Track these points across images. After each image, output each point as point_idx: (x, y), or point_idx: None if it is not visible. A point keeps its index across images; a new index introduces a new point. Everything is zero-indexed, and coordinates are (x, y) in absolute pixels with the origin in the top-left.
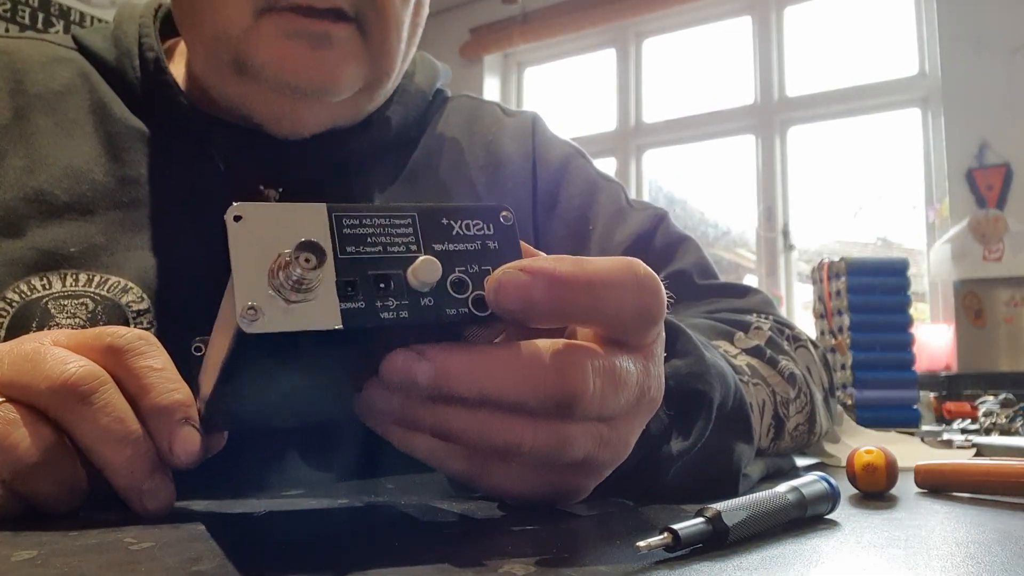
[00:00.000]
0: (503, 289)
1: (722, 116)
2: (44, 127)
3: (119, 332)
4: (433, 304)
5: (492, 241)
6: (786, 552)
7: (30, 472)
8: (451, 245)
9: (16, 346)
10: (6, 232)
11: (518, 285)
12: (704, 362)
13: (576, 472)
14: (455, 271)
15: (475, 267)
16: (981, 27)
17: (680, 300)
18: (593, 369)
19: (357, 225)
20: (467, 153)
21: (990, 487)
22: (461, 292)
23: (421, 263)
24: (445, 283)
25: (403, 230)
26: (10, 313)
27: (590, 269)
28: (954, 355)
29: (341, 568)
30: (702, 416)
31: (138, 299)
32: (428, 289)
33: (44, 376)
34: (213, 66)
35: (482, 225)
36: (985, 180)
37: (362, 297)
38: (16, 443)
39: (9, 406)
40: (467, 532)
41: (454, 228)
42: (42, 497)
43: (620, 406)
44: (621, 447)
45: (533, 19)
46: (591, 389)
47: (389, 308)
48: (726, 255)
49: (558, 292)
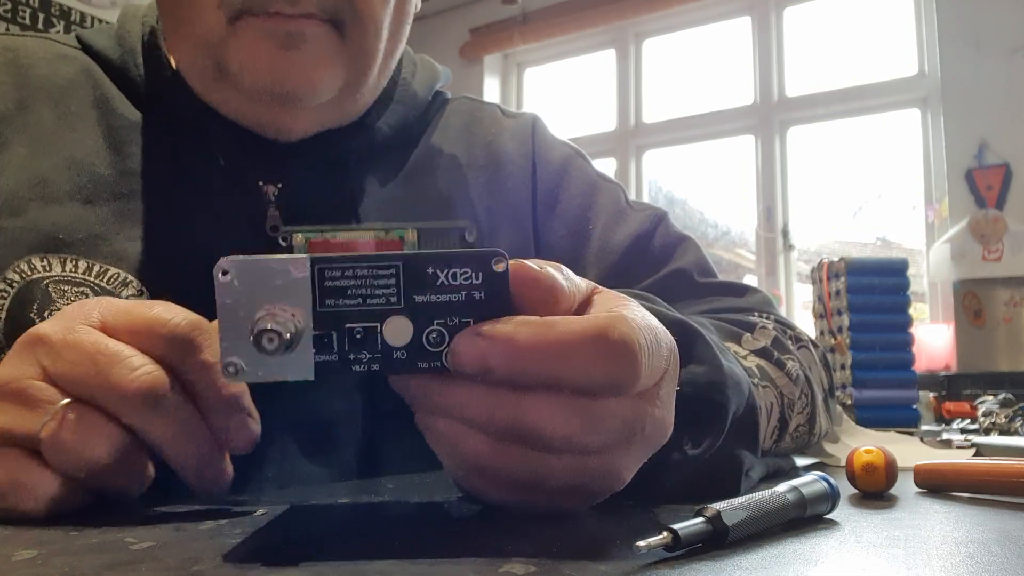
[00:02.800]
0: (457, 355)
1: (722, 116)
2: (47, 119)
3: (174, 321)
4: (406, 357)
5: (479, 291)
6: (786, 552)
7: (103, 471)
8: (433, 296)
9: (67, 334)
10: (7, 213)
11: (474, 351)
12: (722, 371)
13: (566, 496)
14: (433, 324)
15: (455, 320)
16: (981, 27)
17: (680, 299)
18: (556, 406)
19: (339, 277)
20: (467, 154)
21: (989, 487)
22: (436, 346)
23: (390, 324)
24: (421, 337)
25: (385, 280)
26: (10, 294)
27: (552, 337)
28: (953, 355)
29: (341, 568)
30: (716, 427)
31: (137, 293)
32: (402, 344)
33: (113, 384)
34: (197, 74)
35: (470, 274)
36: (985, 180)
37: (336, 351)
38: (91, 446)
39: (80, 409)
40: (467, 532)
41: (439, 278)
42: (112, 490)
43: (597, 442)
44: (612, 480)
45: (533, 19)
46: (550, 426)
47: (361, 362)
48: (726, 255)
49: (516, 360)
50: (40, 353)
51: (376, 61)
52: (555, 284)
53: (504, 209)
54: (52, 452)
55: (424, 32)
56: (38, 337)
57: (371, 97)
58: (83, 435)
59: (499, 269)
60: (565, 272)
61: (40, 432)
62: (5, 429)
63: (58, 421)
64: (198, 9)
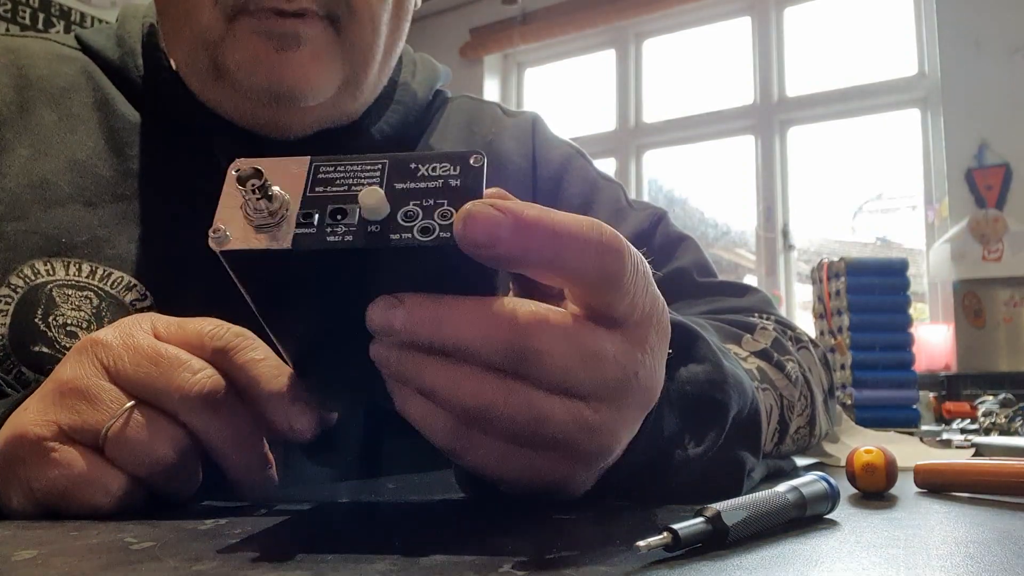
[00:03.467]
0: (472, 220)
1: (722, 116)
2: (48, 121)
3: (219, 334)
4: (379, 231)
5: (455, 180)
6: (786, 552)
7: (165, 471)
8: (412, 184)
9: (127, 339)
10: (10, 217)
11: (487, 218)
12: (723, 370)
13: (561, 457)
14: (409, 204)
15: (430, 201)
16: (981, 27)
17: (680, 298)
18: (552, 328)
19: (331, 171)
20: None
21: (989, 487)
22: (410, 222)
23: (365, 192)
24: (396, 214)
25: (371, 173)
26: (15, 300)
27: (556, 218)
28: (953, 355)
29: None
30: (717, 425)
31: (141, 297)
32: (378, 219)
33: (177, 386)
34: (195, 73)
35: (449, 167)
36: (984, 180)
37: (315, 225)
38: (156, 447)
39: (144, 409)
40: (467, 532)
41: (420, 170)
42: (171, 490)
43: (594, 382)
44: (607, 435)
45: (533, 19)
46: (546, 348)
47: (337, 233)
48: (726, 255)
49: (524, 234)
50: (101, 355)
51: (375, 58)
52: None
53: None
54: (118, 451)
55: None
56: (97, 341)
57: (371, 96)
58: (149, 435)
59: (476, 164)
60: None
61: (105, 431)
62: (70, 426)
63: (124, 421)
64: (195, 7)
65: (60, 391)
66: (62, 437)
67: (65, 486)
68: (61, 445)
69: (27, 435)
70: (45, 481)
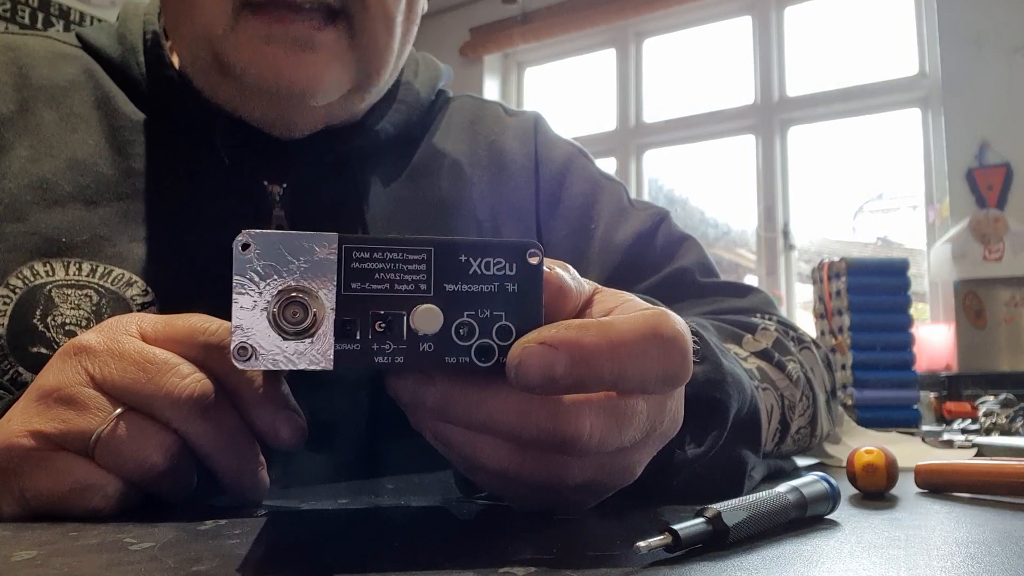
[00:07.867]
0: (524, 367)
1: (722, 116)
2: (49, 120)
3: (210, 329)
4: (432, 350)
5: (512, 283)
6: (786, 552)
7: (156, 476)
8: (464, 286)
9: (112, 343)
10: (10, 218)
11: (540, 361)
12: (722, 369)
13: (575, 493)
14: (463, 315)
15: (486, 312)
16: (981, 27)
17: (681, 298)
18: (592, 411)
19: (367, 259)
20: (470, 153)
21: (990, 487)
22: (466, 340)
23: (421, 312)
24: (450, 329)
25: (416, 266)
26: (13, 300)
27: (615, 337)
28: (954, 355)
29: (340, 569)
30: (717, 425)
31: (142, 292)
32: (430, 333)
33: (165, 392)
34: (200, 68)
35: (504, 264)
36: (985, 180)
37: (359, 338)
38: (147, 453)
39: (133, 416)
40: (467, 532)
41: (472, 267)
42: (164, 493)
43: (623, 441)
44: (626, 475)
45: (533, 19)
46: (586, 432)
47: (385, 352)
48: (726, 255)
49: (582, 366)
50: (85, 361)
51: (389, 61)
52: (563, 284)
53: (507, 208)
54: (108, 457)
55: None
56: (81, 346)
57: (377, 96)
58: (139, 441)
59: (534, 262)
60: (571, 272)
61: (96, 437)
62: (58, 433)
63: (113, 427)
64: (202, 1)
65: (44, 399)
66: (51, 445)
67: (61, 493)
68: (52, 453)
69: (14, 446)
70: (40, 490)
